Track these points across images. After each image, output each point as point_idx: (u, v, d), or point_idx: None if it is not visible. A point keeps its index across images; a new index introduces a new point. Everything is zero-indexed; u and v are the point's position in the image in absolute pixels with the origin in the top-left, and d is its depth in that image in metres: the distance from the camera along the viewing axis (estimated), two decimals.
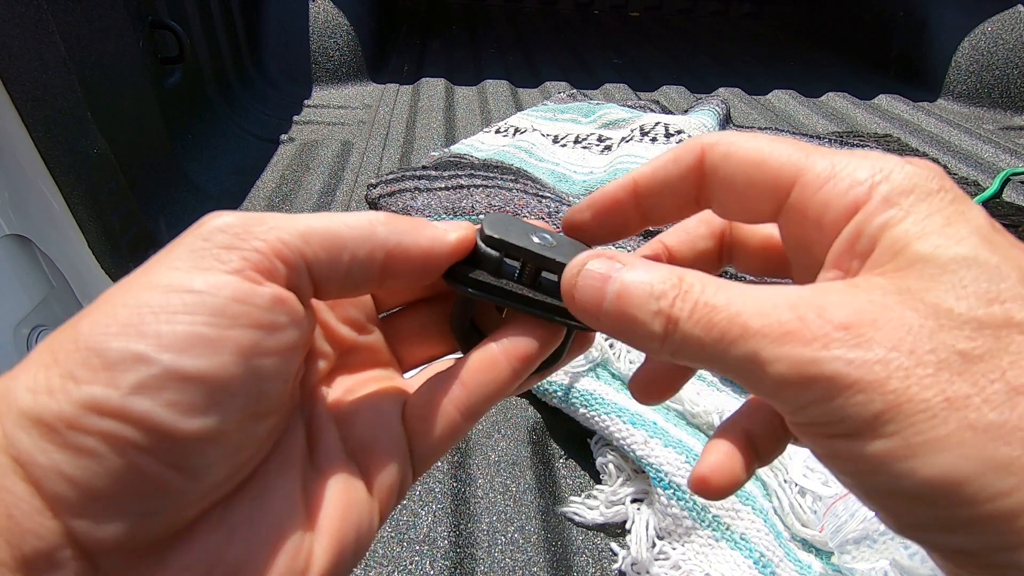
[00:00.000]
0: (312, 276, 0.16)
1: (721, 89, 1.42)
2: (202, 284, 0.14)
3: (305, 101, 1.26)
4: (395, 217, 0.18)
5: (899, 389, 0.12)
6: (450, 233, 0.18)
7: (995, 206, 0.90)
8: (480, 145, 1.01)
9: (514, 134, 1.04)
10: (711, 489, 0.18)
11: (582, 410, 0.53)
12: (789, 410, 0.14)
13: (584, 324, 0.18)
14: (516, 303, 0.19)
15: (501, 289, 0.19)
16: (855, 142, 1.09)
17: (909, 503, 0.13)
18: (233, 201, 0.88)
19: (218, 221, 0.15)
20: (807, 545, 0.47)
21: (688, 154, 0.18)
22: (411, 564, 0.46)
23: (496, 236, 0.18)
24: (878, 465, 0.13)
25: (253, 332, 0.14)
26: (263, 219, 0.15)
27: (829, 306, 0.14)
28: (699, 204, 0.19)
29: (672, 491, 0.47)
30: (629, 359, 0.57)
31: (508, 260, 0.19)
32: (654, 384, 0.21)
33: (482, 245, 0.19)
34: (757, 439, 0.19)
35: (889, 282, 0.14)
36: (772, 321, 0.14)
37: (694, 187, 0.18)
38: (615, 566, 0.47)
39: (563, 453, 0.55)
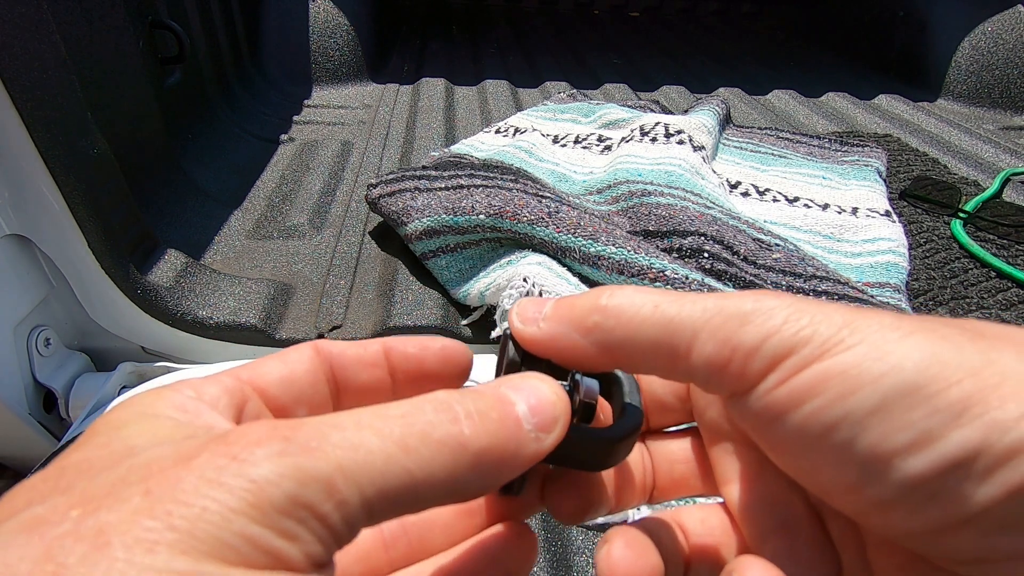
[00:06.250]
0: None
1: (721, 89, 1.42)
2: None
3: (305, 101, 1.26)
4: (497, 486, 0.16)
5: None
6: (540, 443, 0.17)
7: (995, 206, 0.90)
8: (480, 145, 1.01)
9: (514, 134, 1.04)
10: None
11: None
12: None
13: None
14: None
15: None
16: (855, 142, 1.09)
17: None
18: (233, 201, 0.88)
19: (280, 465, 0.12)
20: None
21: None
22: None
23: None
24: None
25: None
26: (328, 480, 0.13)
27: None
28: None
29: None
30: None
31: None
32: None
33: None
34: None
35: None
36: None
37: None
38: None
39: None
